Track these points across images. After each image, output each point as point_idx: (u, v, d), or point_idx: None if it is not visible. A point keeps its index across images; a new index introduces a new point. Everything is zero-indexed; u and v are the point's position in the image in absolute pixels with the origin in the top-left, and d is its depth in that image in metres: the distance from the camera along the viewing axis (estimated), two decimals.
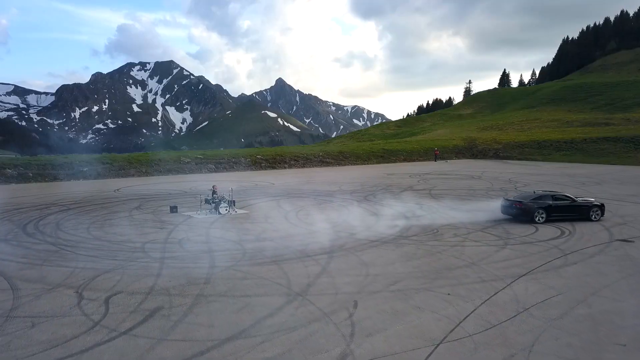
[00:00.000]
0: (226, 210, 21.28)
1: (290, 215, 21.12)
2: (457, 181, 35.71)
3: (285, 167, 49.71)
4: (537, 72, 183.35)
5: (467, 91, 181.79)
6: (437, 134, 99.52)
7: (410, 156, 61.79)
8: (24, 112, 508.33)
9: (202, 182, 35.93)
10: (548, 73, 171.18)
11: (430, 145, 67.58)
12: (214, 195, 21.68)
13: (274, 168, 48.93)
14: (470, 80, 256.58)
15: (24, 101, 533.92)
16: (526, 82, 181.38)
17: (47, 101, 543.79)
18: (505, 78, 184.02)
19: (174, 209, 21.82)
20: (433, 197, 26.65)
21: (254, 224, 19.04)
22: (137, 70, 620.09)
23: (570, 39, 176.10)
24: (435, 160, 61.45)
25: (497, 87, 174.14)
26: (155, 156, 44.45)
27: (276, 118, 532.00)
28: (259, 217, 20.73)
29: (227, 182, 35.45)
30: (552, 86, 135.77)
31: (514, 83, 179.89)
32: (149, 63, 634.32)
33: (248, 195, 28.35)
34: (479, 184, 33.37)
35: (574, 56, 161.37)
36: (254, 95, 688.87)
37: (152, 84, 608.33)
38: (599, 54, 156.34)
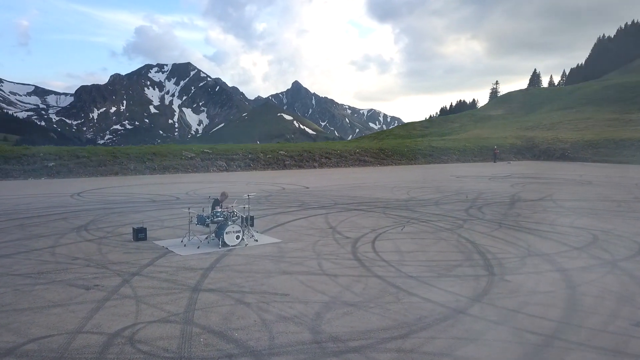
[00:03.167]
0: (238, 238, 10.95)
1: (364, 251, 10.70)
2: (569, 187, 24.90)
3: (314, 167, 39.38)
4: (561, 74, 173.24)
5: (494, 92, 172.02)
6: (473, 134, 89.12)
7: (463, 155, 50.98)
8: (43, 112, 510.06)
9: (208, 183, 25.72)
10: (581, 73, 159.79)
11: (484, 144, 56.63)
12: (217, 209, 11.38)
13: (300, 167, 38.63)
14: (497, 82, 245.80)
15: (44, 101, 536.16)
16: (556, 84, 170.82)
17: (66, 102, 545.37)
18: (535, 78, 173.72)
19: (140, 234, 11.55)
20: (586, 214, 15.99)
21: (297, 279, 8.65)
22: (155, 72, 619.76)
23: (606, 37, 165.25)
24: (494, 161, 50.61)
25: (527, 87, 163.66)
26: (149, 149, 34.43)
27: (292, 121, 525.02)
28: (302, 254, 10.34)
29: (241, 183, 25.23)
30: (590, 86, 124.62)
31: (543, 84, 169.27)
32: (166, 65, 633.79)
33: (274, 205, 18.03)
34: (612, 193, 22.56)
35: (611, 55, 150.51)
36: (270, 97, 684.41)
37: (170, 85, 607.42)
38: (639, 52, 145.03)
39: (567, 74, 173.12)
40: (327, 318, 6.68)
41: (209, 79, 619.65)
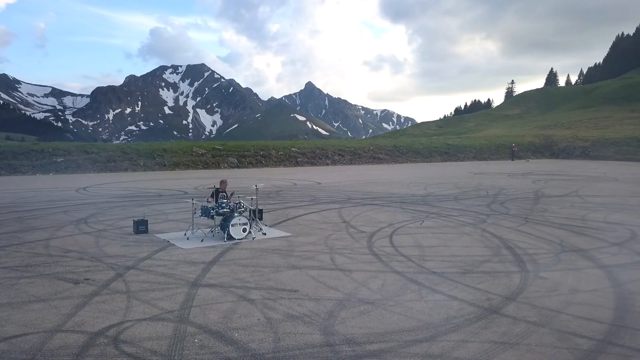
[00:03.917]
0: (245, 231, 10.16)
1: (381, 245, 9.85)
2: (594, 184, 23.72)
3: (327, 164, 38.54)
4: (578, 73, 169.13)
5: (510, 92, 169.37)
6: (489, 133, 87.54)
7: (480, 154, 49.72)
8: (60, 113, 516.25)
9: (218, 179, 25.01)
10: (599, 73, 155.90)
11: (502, 142, 55.26)
12: (221, 200, 10.63)
13: (313, 164, 37.82)
14: (513, 81, 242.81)
15: (61, 102, 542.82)
16: (573, 83, 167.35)
17: (82, 103, 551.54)
18: (552, 77, 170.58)
19: (141, 227, 10.84)
20: (619, 210, 14.90)
21: (307, 275, 7.84)
22: (169, 73, 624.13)
23: (624, 35, 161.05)
24: (512, 159, 49.28)
25: (544, 86, 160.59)
26: (160, 146, 33.92)
27: (305, 121, 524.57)
28: (314, 248, 9.52)
29: (252, 179, 24.48)
30: (610, 85, 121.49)
31: (560, 84, 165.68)
32: (180, 66, 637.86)
33: (284, 199, 17.26)
34: None
35: (629, 53, 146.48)
36: (283, 98, 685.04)
37: (184, 86, 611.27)
38: None
39: (584, 73, 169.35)
40: (341, 317, 5.85)
41: (222, 80, 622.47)
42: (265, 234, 10.75)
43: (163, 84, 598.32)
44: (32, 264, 8.15)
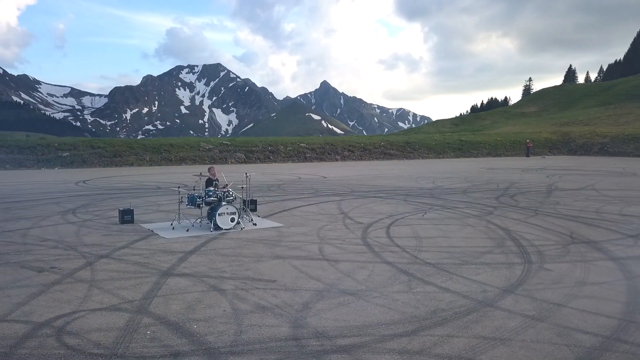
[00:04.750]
0: (233, 221, 9.63)
1: (376, 236, 9.25)
2: (612, 178, 22.71)
3: (336, 159, 37.91)
4: (597, 71, 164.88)
5: (527, 89, 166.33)
6: (505, 130, 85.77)
7: (494, 150, 48.55)
8: (78, 113, 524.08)
9: (224, 173, 24.58)
10: (619, 69, 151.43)
11: (517, 138, 53.94)
12: (211, 188, 10.13)
13: (322, 160, 37.22)
14: (530, 78, 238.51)
15: (79, 102, 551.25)
16: (592, 80, 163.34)
17: (100, 102, 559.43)
18: (571, 75, 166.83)
19: (126, 216, 10.40)
20: (636, 203, 14.04)
21: (290, 265, 7.29)
22: (186, 73, 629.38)
23: None
24: (527, 155, 47.95)
25: (563, 84, 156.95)
26: (166, 141, 33.66)
27: (320, 120, 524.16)
28: (303, 239, 8.97)
29: (256, 173, 24.03)
30: (630, 81, 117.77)
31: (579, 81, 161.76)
32: (197, 66, 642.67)
33: (285, 192, 16.72)
34: None
35: None
36: (299, 97, 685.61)
37: (200, 86, 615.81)
38: None
39: (604, 70, 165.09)
40: (316, 309, 5.28)
41: (238, 79, 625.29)
42: (255, 224, 10.22)
43: (179, 83, 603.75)
44: (1, 252, 7.74)
